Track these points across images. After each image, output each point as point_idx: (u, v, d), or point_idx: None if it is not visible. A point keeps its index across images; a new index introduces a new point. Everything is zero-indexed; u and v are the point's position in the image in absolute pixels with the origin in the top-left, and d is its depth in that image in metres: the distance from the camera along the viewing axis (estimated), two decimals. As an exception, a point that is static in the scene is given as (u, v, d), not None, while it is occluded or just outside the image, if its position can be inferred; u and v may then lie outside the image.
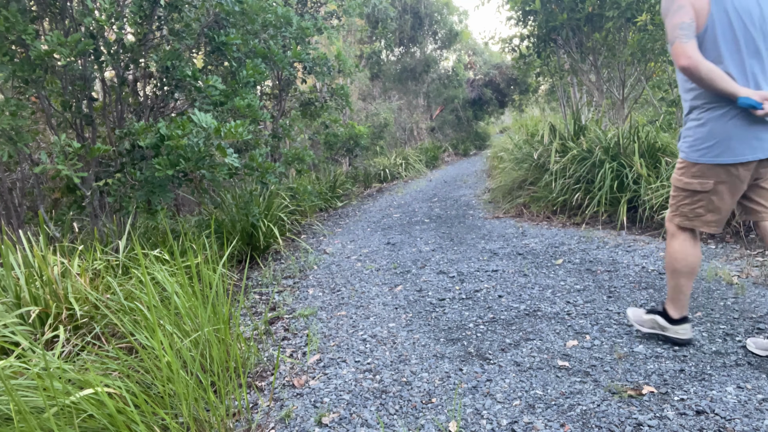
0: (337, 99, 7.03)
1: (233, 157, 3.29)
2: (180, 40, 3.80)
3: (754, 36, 1.83)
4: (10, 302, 2.39)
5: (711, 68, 1.77)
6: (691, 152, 2.03)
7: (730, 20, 1.81)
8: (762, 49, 1.84)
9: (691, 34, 1.79)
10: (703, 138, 1.95)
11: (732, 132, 1.88)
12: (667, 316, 2.23)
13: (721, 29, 1.82)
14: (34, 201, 3.97)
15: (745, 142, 1.87)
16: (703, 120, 1.95)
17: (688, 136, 2.05)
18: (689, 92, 1.99)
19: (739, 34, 1.82)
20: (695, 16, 1.80)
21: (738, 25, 1.82)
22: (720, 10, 1.81)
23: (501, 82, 16.39)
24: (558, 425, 1.79)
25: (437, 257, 4.23)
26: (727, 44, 1.83)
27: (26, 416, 1.45)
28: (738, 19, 1.81)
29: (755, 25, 1.82)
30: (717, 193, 1.98)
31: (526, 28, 6.91)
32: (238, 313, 2.74)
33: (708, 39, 1.83)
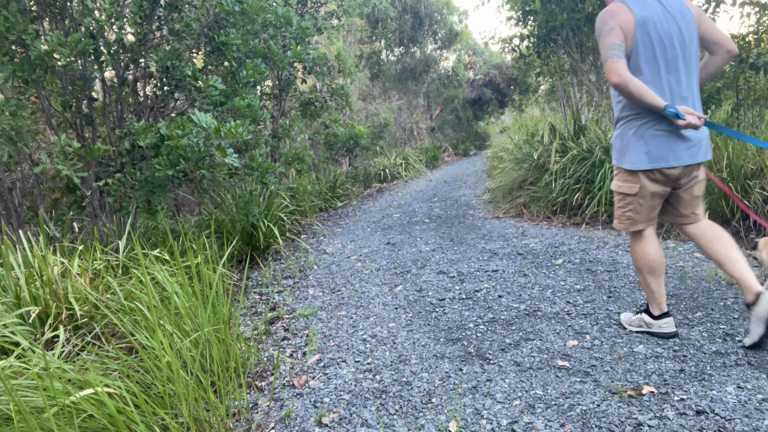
0: (337, 99, 7.03)
1: (233, 157, 3.29)
2: (180, 40, 3.80)
3: (673, 56, 2.06)
4: (10, 302, 2.39)
5: (639, 84, 1.99)
6: (619, 160, 2.24)
7: (652, 42, 2.05)
8: (681, 67, 2.07)
9: (621, 54, 2.02)
10: (628, 147, 2.17)
11: (651, 141, 2.10)
12: (650, 313, 2.39)
13: (643, 50, 2.05)
14: (34, 201, 3.97)
15: (663, 152, 2.10)
16: (628, 130, 2.18)
17: (615, 145, 2.27)
18: (617, 105, 2.23)
19: (659, 54, 2.05)
20: (623, 37, 2.03)
21: (659, 46, 2.05)
22: (644, 33, 2.04)
23: (501, 82, 16.39)
24: (558, 425, 1.79)
25: (437, 257, 4.23)
26: (648, 63, 2.06)
27: (26, 416, 1.45)
28: (659, 41, 2.05)
29: (674, 47, 2.05)
30: (642, 196, 2.20)
31: (526, 28, 6.91)
32: (238, 313, 2.74)
33: (633, 58, 2.06)
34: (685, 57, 2.08)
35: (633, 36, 2.05)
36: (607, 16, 2.09)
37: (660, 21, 2.06)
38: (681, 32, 2.08)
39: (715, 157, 3.94)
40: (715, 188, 3.86)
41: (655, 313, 2.35)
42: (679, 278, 3.15)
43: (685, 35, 2.08)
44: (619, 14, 2.06)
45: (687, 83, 2.10)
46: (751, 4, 5.01)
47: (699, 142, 2.13)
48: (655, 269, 2.27)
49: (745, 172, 3.79)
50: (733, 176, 3.80)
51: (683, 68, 2.08)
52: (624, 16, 2.05)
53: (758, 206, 3.65)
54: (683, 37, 2.08)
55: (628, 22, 2.04)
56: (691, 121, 1.97)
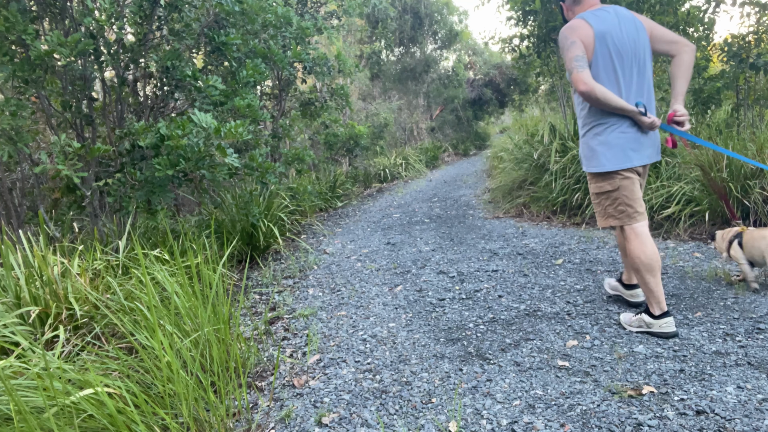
0: (337, 99, 7.03)
1: (233, 157, 3.29)
2: (180, 40, 3.80)
3: (629, 64, 2.27)
4: (10, 302, 2.39)
5: (604, 90, 2.19)
6: (590, 165, 2.43)
7: (609, 53, 2.25)
8: (635, 74, 2.29)
9: (585, 64, 2.21)
10: (592, 151, 2.38)
11: (618, 143, 2.30)
12: (650, 313, 2.39)
13: (602, 60, 2.26)
14: (34, 201, 3.97)
15: (628, 152, 2.30)
16: (594, 137, 2.37)
17: (584, 152, 2.45)
18: (581, 113, 2.42)
19: (616, 64, 2.26)
20: (585, 49, 2.22)
21: (615, 57, 2.26)
22: (603, 46, 2.25)
23: (501, 82, 16.38)
24: (558, 425, 1.79)
25: (437, 257, 4.23)
26: (607, 72, 2.26)
27: (26, 416, 1.45)
28: (616, 52, 2.25)
29: (629, 56, 2.27)
30: (621, 191, 2.35)
31: (526, 28, 6.91)
32: (238, 313, 2.74)
33: (593, 68, 2.25)
34: (638, 65, 2.30)
35: (593, 48, 2.25)
36: (569, 31, 2.28)
37: (616, 34, 2.26)
38: (635, 43, 2.29)
39: (715, 157, 3.94)
40: (715, 188, 3.86)
41: (656, 312, 2.36)
42: (679, 278, 3.15)
43: (639, 45, 2.30)
44: (579, 29, 2.25)
45: (640, 89, 2.31)
46: (751, 4, 5.01)
47: (655, 143, 2.37)
48: (653, 267, 2.31)
49: (745, 172, 3.79)
50: (733, 176, 3.80)
51: (637, 75, 2.30)
52: (584, 31, 2.25)
53: (758, 206, 3.65)
54: (637, 47, 2.29)
55: (588, 36, 2.24)
56: (654, 121, 2.23)
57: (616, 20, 2.29)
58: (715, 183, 3.29)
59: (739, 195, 3.71)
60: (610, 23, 2.27)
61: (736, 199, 3.73)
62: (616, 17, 2.30)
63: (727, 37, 5.10)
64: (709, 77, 5.38)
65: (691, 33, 5.50)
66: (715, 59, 5.58)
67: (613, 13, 2.32)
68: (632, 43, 2.27)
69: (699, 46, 5.49)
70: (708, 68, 5.50)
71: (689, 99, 5.57)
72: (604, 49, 2.24)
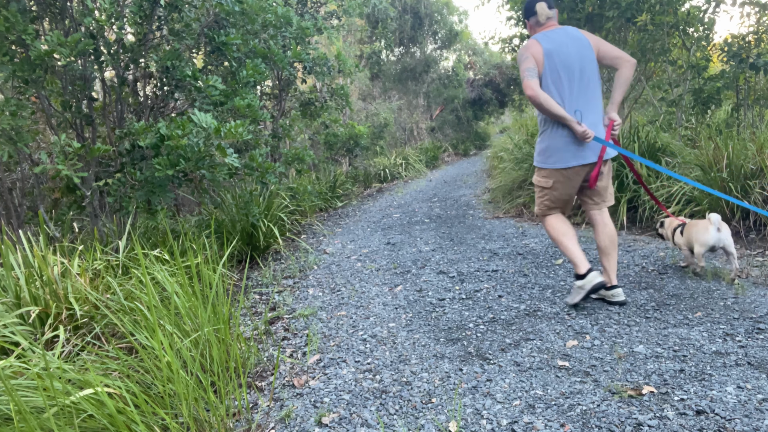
0: (337, 99, 7.03)
1: (233, 157, 3.29)
2: (180, 40, 3.80)
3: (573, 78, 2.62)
4: (10, 302, 2.39)
5: (547, 98, 2.56)
6: (538, 161, 2.82)
7: (556, 68, 2.62)
8: (579, 86, 2.63)
9: (534, 74, 2.60)
10: (543, 150, 2.76)
11: (558, 145, 2.67)
12: (578, 276, 2.73)
13: (550, 74, 2.63)
14: (34, 201, 3.97)
15: (568, 153, 2.64)
16: (544, 139, 2.74)
17: (536, 149, 2.84)
18: (538, 119, 2.80)
19: (562, 77, 2.62)
20: (536, 64, 2.62)
21: (561, 71, 2.62)
22: (551, 62, 2.62)
23: (501, 82, 16.37)
24: (558, 425, 1.79)
25: (437, 257, 4.23)
26: (555, 84, 2.63)
27: (26, 416, 1.45)
28: (562, 67, 2.62)
29: (574, 71, 2.62)
30: (556, 189, 2.76)
31: (526, 28, 6.90)
32: (238, 313, 2.74)
33: (543, 80, 2.63)
34: (582, 78, 2.64)
35: (542, 63, 2.63)
36: (524, 49, 2.71)
37: (562, 51, 2.63)
38: (580, 59, 2.63)
39: (715, 157, 3.94)
40: (715, 188, 3.86)
41: (581, 271, 2.70)
42: (679, 278, 3.15)
43: (584, 61, 2.64)
44: (532, 47, 2.67)
45: (584, 98, 2.65)
46: (751, 4, 5.01)
47: (594, 147, 2.65)
48: (566, 233, 2.79)
49: (745, 172, 3.79)
50: (733, 176, 3.80)
51: (579, 87, 2.63)
52: (535, 49, 2.65)
53: (758, 206, 3.65)
54: (582, 63, 2.63)
55: (538, 53, 2.64)
56: (585, 131, 2.55)
57: (565, 40, 2.67)
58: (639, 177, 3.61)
59: (739, 195, 3.71)
60: (557, 41, 2.66)
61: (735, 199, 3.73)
62: (565, 37, 2.68)
63: (727, 37, 5.10)
64: (709, 77, 5.39)
65: (691, 33, 5.50)
66: (715, 59, 5.58)
67: (563, 33, 2.70)
68: (578, 60, 2.63)
69: (699, 46, 5.49)
70: (708, 68, 5.50)
71: (689, 99, 5.57)
72: (552, 64, 2.62)
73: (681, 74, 5.72)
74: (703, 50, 5.46)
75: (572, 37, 2.67)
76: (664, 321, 2.55)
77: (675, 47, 5.83)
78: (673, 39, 5.71)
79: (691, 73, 5.48)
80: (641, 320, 2.59)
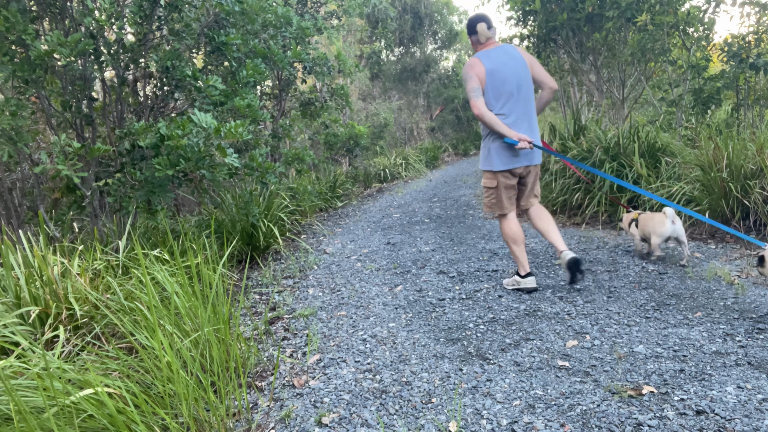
0: (337, 99, 7.03)
1: (233, 157, 3.29)
2: (180, 40, 3.80)
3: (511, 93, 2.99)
4: (10, 302, 2.39)
5: (492, 116, 2.96)
6: (483, 164, 3.19)
7: (497, 86, 2.98)
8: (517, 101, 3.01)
9: (479, 94, 2.97)
10: (486, 155, 3.13)
11: (498, 152, 3.05)
12: (518, 273, 3.20)
13: (491, 90, 2.99)
14: (34, 201, 3.97)
15: (504, 159, 3.04)
16: (487, 144, 3.11)
17: (481, 154, 3.21)
18: (481, 127, 3.17)
19: (501, 93, 2.99)
20: (480, 82, 2.97)
21: (501, 88, 2.98)
22: (492, 80, 2.98)
23: (501, 82, 16.34)
24: (558, 425, 1.79)
25: (437, 257, 4.23)
26: (496, 99, 3.00)
27: (26, 416, 1.45)
28: (501, 83, 2.98)
29: (512, 87, 2.99)
30: (499, 189, 3.13)
31: (526, 28, 6.91)
32: (238, 313, 2.74)
33: (486, 96, 3.00)
34: (520, 93, 3.01)
35: (485, 81, 2.97)
36: (468, 67, 3.03)
37: (501, 69, 2.98)
38: (517, 76, 3.00)
39: (715, 157, 3.94)
40: (715, 188, 3.86)
41: (522, 273, 3.17)
42: (679, 278, 3.15)
43: (521, 78, 3.01)
44: (475, 66, 3.00)
45: (522, 112, 3.03)
46: (751, 4, 5.01)
47: (532, 151, 3.04)
48: (517, 240, 3.16)
49: (745, 172, 3.79)
50: (733, 176, 3.80)
51: (516, 101, 3.01)
52: (478, 68, 2.99)
53: (758, 206, 3.65)
54: (519, 80, 3.00)
55: (481, 72, 2.98)
56: (523, 146, 2.94)
57: (504, 59, 3.01)
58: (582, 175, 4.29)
59: (739, 195, 3.71)
60: (497, 60, 3.00)
61: (736, 199, 3.73)
62: (504, 56, 3.03)
63: (727, 37, 5.10)
64: (709, 77, 5.39)
65: (691, 33, 5.50)
66: (715, 59, 5.58)
67: (502, 52, 3.04)
68: (515, 77, 3.00)
69: (699, 46, 5.49)
70: (708, 68, 5.50)
71: (689, 99, 5.57)
72: (493, 81, 2.98)
73: (681, 74, 5.73)
74: (703, 50, 5.46)
75: (510, 56, 3.04)
76: (664, 321, 2.55)
77: (675, 47, 5.84)
78: (673, 39, 5.71)
79: (691, 73, 5.48)
80: (641, 320, 2.59)
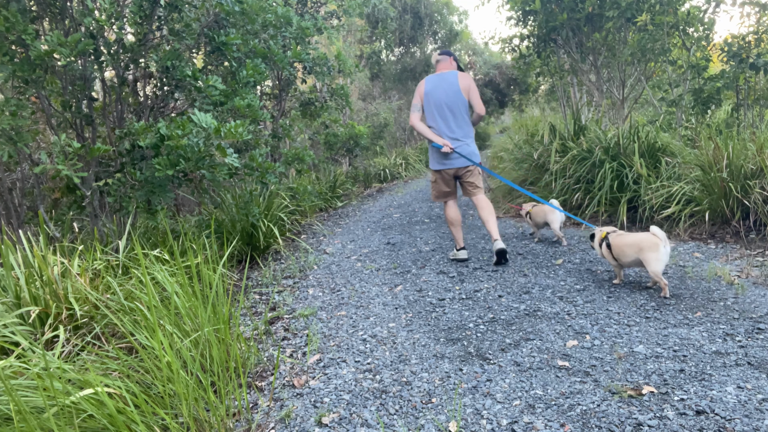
0: (337, 99, 7.03)
1: (233, 157, 3.29)
2: (180, 40, 3.80)
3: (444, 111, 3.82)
4: (10, 302, 2.39)
5: (423, 127, 3.88)
6: (430, 164, 4.04)
7: (431, 105, 3.85)
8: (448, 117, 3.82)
9: (418, 109, 3.89)
10: (430, 157, 4.00)
11: (432, 155, 3.96)
12: (456, 248, 4.06)
13: (427, 108, 3.88)
14: (34, 201, 3.97)
15: (437, 162, 3.92)
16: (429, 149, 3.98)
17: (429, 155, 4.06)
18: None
19: (435, 111, 3.84)
20: (420, 100, 3.88)
21: (434, 107, 3.84)
22: (427, 100, 3.85)
23: (501, 82, 16.38)
24: (558, 425, 1.79)
25: (437, 257, 4.23)
26: (431, 114, 3.87)
27: (26, 416, 1.45)
28: (435, 104, 3.83)
29: (444, 106, 3.81)
30: (438, 183, 4.01)
31: (526, 28, 6.91)
32: (238, 313, 2.74)
33: (425, 112, 3.91)
34: (452, 112, 3.80)
35: (423, 100, 3.87)
36: (418, 87, 3.93)
37: (434, 93, 3.83)
38: (447, 98, 3.79)
39: (715, 157, 3.94)
40: (715, 188, 3.86)
41: (458, 248, 4.04)
42: (679, 278, 3.15)
43: (450, 99, 3.79)
44: (419, 88, 3.92)
45: (453, 126, 3.82)
46: (751, 4, 5.01)
47: (459, 157, 3.81)
48: (454, 222, 4.02)
49: (745, 172, 3.79)
50: (733, 176, 3.80)
51: (447, 116, 3.81)
52: (421, 89, 3.90)
53: (758, 206, 3.65)
54: (448, 101, 3.80)
55: (422, 93, 3.89)
56: (446, 150, 3.75)
57: (440, 84, 3.83)
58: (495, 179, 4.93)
59: (739, 195, 3.71)
60: (435, 84, 3.84)
61: (736, 199, 3.73)
62: (441, 82, 3.84)
63: (727, 37, 5.10)
64: (709, 77, 5.38)
65: (691, 33, 5.50)
66: (715, 59, 5.58)
67: (440, 78, 3.85)
68: (445, 99, 3.79)
69: (699, 46, 5.49)
70: (708, 68, 5.50)
71: (689, 99, 5.57)
72: (428, 101, 3.85)
73: (681, 74, 5.72)
74: (703, 50, 5.46)
75: (446, 82, 3.82)
76: (664, 321, 2.55)
77: (675, 47, 5.83)
78: (673, 39, 5.71)
79: (691, 73, 5.48)
80: (641, 320, 2.59)
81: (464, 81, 3.78)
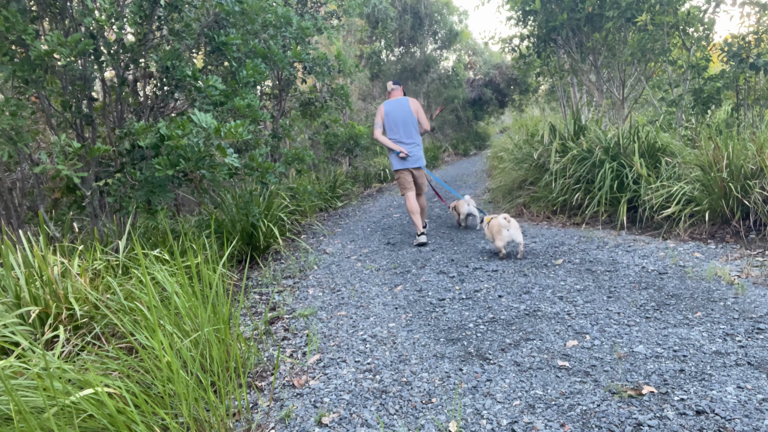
0: (337, 99, 7.03)
1: (233, 157, 3.29)
2: (180, 40, 3.80)
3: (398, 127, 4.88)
4: (10, 302, 2.39)
5: (383, 138, 4.93)
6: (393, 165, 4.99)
7: (390, 122, 4.90)
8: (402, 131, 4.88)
9: (379, 126, 4.95)
10: (392, 161, 4.97)
11: (393, 159, 4.92)
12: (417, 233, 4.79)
13: (387, 124, 4.92)
14: (34, 201, 3.97)
15: (397, 163, 4.90)
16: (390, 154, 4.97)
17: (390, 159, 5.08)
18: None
19: (393, 127, 4.89)
20: (381, 119, 4.94)
21: (392, 124, 4.89)
22: (388, 118, 4.91)
23: (501, 82, 16.38)
24: (558, 425, 1.79)
25: (437, 257, 4.23)
26: (389, 129, 4.90)
27: (26, 416, 1.45)
28: (393, 121, 4.89)
29: (398, 123, 4.88)
30: (400, 179, 4.94)
31: (526, 28, 6.91)
32: (238, 313, 2.74)
33: (385, 128, 4.94)
34: (404, 126, 4.86)
35: (384, 118, 4.92)
36: (378, 109, 4.99)
37: (392, 113, 4.89)
38: (402, 116, 4.87)
39: (715, 157, 3.94)
40: (715, 188, 3.86)
41: (418, 233, 4.74)
42: (679, 278, 3.15)
43: (404, 117, 4.87)
44: (380, 109, 4.96)
45: (406, 138, 4.86)
46: (751, 4, 5.01)
47: (415, 160, 4.89)
48: (413, 211, 4.81)
49: (745, 172, 3.79)
50: (733, 176, 3.80)
51: (400, 131, 4.87)
52: (381, 111, 4.95)
53: (758, 206, 3.65)
54: (403, 118, 4.87)
55: (382, 113, 4.94)
56: (402, 156, 4.83)
57: (396, 106, 4.91)
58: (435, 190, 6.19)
59: (739, 195, 3.71)
60: (392, 107, 4.90)
61: (736, 199, 3.73)
62: (396, 104, 4.91)
63: (727, 37, 5.10)
64: (709, 77, 5.38)
65: (691, 33, 5.50)
66: (715, 59, 5.58)
67: (396, 102, 4.92)
68: (401, 117, 4.87)
69: (699, 46, 5.49)
70: (708, 68, 5.50)
71: (689, 99, 5.57)
72: (388, 119, 4.90)
73: (681, 74, 5.72)
74: (703, 50, 5.46)
75: (401, 105, 4.90)
76: (664, 321, 2.55)
77: (675, 47, 5.84)
78: (673, 39, 5.71)
79: (691, 73, 5.48)
80: (641, 320, 2.59)
81: (414, 104, 4.94)
